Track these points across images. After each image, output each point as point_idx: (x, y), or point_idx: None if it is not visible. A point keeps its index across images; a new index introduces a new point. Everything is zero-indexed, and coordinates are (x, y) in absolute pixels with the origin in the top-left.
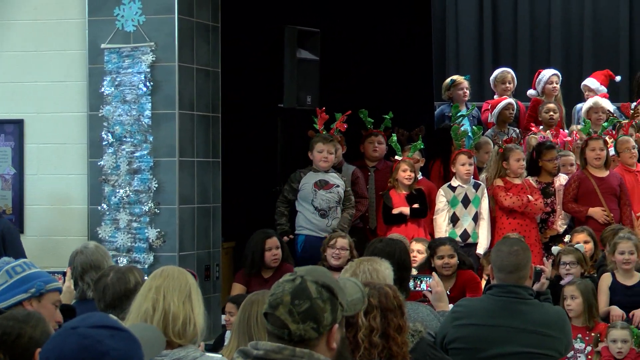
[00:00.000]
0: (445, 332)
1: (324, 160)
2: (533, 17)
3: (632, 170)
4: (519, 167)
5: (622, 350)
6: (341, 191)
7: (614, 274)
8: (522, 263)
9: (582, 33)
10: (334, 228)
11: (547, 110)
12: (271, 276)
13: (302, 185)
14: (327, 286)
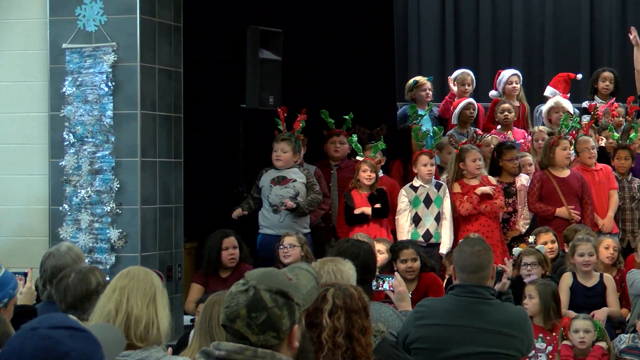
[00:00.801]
0: (408, 332)
1: (277, 159)
2: (495, 18)
3: (591, 170)
4: (475, 167)
5: (585, 340)
6: (299, 185)
7: (575, 274)
8: (484, 263)
9: (543, 33)
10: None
11: (502, 110)
12: (229, 276)
13: (262, 183)
14: (281, 291)
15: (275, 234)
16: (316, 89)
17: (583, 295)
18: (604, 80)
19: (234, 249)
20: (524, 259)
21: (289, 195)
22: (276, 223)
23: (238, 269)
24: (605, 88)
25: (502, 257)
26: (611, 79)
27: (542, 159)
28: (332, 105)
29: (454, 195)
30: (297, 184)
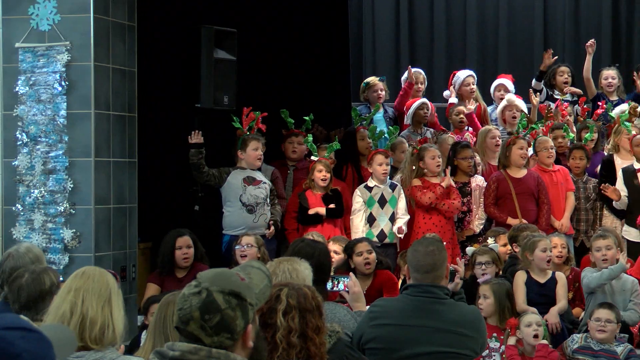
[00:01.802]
0: (362, 332)
1: (259, 158)
2: (449, 18)
3: (548, 170)
4: (435, 165)
5: (538, 332)
6: (268, 188)
7: (528, 271)
8: (438, 263)
9: (497, 33)
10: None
11: (457, 112)
12: (185, 276)
13: (229, 182)
14: (234, 292)
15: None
16: (271, 89)
17: (536, 292)
18: (561, 74)
19: (187, 249)
20: (478, 258)
21: (262, 195)
22: (250, 223)
23: (194, 269)
24: (565, 82)
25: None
26: (568, 72)
27: (500, 159)
28: (287, 105)
29: (414, 188)
30: (266, 186)
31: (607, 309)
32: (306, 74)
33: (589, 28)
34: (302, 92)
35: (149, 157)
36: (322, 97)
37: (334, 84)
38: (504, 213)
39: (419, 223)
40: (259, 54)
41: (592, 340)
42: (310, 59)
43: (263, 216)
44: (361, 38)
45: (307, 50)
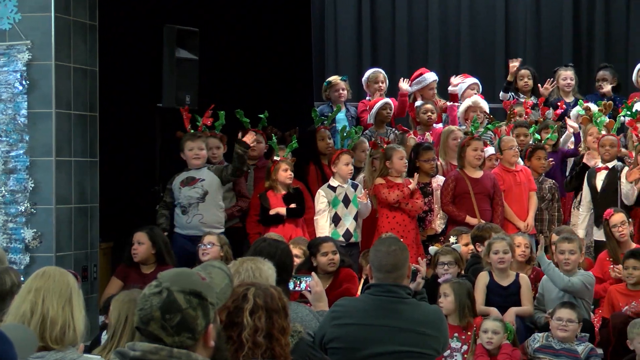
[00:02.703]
0: (324, 331)
1: (195, 158)
2: (411, 18)
3: (512, 170)
4: (402, 165)
5: (492, 341)
6: (207, 184)
7: (491, 273)
8: (400, 262)
9: (459, 33)
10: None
11: (425, 111)
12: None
13: (173, 187)
14: (195, 292)
15: (185, 234)
16: (233, 89)
17: (499, 295)
18: (521, 78)
19: (138, 245)
20: (440, 258)
21: (197, 195)
22: (184, 224)
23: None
24: (525, 85)
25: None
26: (528, 75)
27: (457, 159)
28: (250, 104)
29: (377, 187)
30: (206, 183)
31: (568, 309)
32: (268, 73)
33: (550, 28)
34: (265, 91)
35: (111, 156)
36: (285, 96)
37: (296, 84)
38: (462, 212)
39: (383, 222)
40: (221, 53)
41: (554, 340)
42: (273, 58)
43: (198, 216)
44: (323, 37)
45: (269, 49)
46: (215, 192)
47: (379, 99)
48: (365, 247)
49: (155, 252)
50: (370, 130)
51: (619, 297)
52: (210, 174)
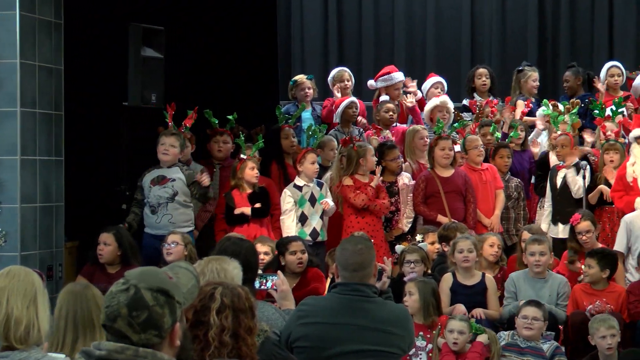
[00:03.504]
0: (290, 330)
1: (164, 153)
2: (377, 16)
3: (477, 169)
4: (374, 163)
5: (457, 341)
6: (178, 185)
7: (455, 274)
8: (366, 261)
9: (425, 32)
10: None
11: (387, 110)
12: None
13: (144, 184)
14: (162, 289)
15: (154, 233)
16: (199, 87)
17: (463, 294)
18: (479, 77)
19: (104, 245)
20: (407, 257)
21: (166, 195)
22: (153, 223)
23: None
24: (483, 84)
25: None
26: (486, 74)
27: (428, 159)
28: (216, 103)
29: (346, 188)
30: (177, 183)
31: (534, 307)
32: (234, 72)
33: (515, 28)
34: (231, 90)
35: (76, 155)
36: (251, 95)
37: (262, 82)
38: (434, 211)
39: (351, 223)
40: (187, 51)
41: (519, 338)
42: (239, 57)
43: (167, 216)
44: (290, 36)
45: (235, 48)
46: (185, 193)
47: (344, 98)
48: (331, 246)
49: (120, 253)
50: (336, 129)
51: (583, 297)
52: (181, 176)
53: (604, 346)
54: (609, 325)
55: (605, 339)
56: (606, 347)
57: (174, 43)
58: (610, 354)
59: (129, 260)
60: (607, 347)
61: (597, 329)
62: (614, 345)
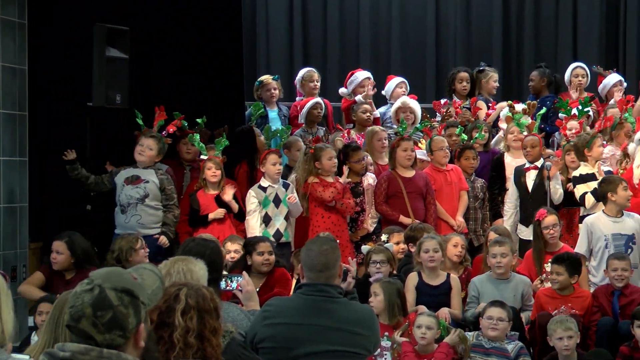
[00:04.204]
0: (256, 331)
1: (140, 153)
2: (342, 18)
3: (442, 170)
4: (331, 165)
5: (426, 336)
6: (150, 187)
7: (420, 274)
8: (331, 262)
9: (390, 34)
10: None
11: (364, 110)
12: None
13: (117, 180)
14: (127, 290)
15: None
16: (164, 88)
17: (428, 294)
18: (460, 81)
19: (56, 254)
20: (373, 257)
21: (137, 195)
22: (122, 223)
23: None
24: (464, 88)
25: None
26: (467, 79)
27: (389, 160)
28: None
29: (313, 185)
30: (149, 185)
31: (498, 307)
32: (199, 72)
33: (479, 28)
34: (195, 90)
35: (41, 156)
36: (216, 95)
37: (227, 83)
38: (396, 211)
39: (318, 222)
40: (152, 52)
41: (484, 338)
42: (204, 57)
43: (136, 217)
44: (255, 36)
45: (200, 48)
46: (156, 196)
47: (309, 98)
48: (297, 246)
49: (74, 261)
50: (302, 130)
51: (548, 301)
52: (155, 179)
53: (561, 347)
54: (566, 326)
55: (562, 340)
56: (563, 348)
57: (139, 43)
58: (567, 354)
59: (83, 267)
60: (564, 348)
61: (555, 330)
62: (572, 346)
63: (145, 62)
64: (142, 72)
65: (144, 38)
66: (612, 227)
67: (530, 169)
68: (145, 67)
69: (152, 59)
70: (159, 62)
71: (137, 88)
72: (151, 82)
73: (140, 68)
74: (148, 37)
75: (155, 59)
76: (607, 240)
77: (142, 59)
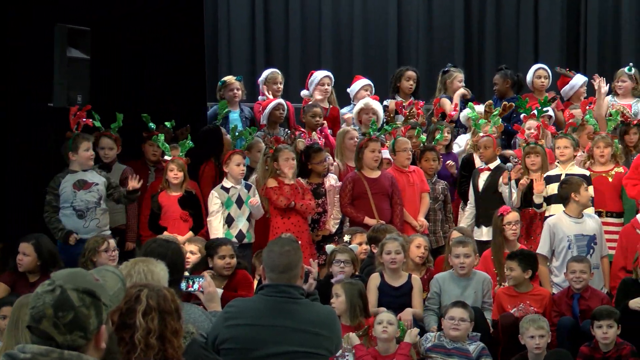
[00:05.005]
0: (217, 332)
1: (91, 158)
2: (304, 18)
3: (405, 171)
4: (289, 167)
5: (387, 330)
6: (101, 188)
7: (383, 274)
8: (293, 263)
9: (352, 34)
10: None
11: (314, 114)
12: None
13: (62, 189)
14: (88, 290)
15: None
16: (126, 88)
17: (390, 295)
18: (408, 79)
19: (22, 255)
20: (337, 256)
21: (94, 199)
22: (81, 228)
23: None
24: (410, 87)
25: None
26: (414, 78)
27: (355, 161)
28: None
29: (269, 190)
30: (100, 187)
31: (460, 308)
32: (161, 72)
33: (441, 29)
34: (157, 90)
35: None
36: (178, 95)
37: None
38: (361, 212)
39: (277, 224)
40: (113, 52)
41: (446, 339)
42: (165, 57)
43: (94, 221)
44: (217, 37)
45: (162, 48)
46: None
47: (271, 99)
48: (259, 247)
49: (40, 263)
50: (263, 131)
51: (506, 299)
52: (101, 179)
53: (532, 346)
54: (538, 325)
55: (533, 339)
56: (534, 347)
57: (100, 44)
58: (538, 353)
59: (49, 269)
60: (535, 346)
61: (527, 329)
62: (543, 345)
63: (106, 63)
64: (103, 72)
65: (106, 38)
66: (574, 228)
67: (484, 170)
68: (106, 67)
69: (113, 59)
70: (121, 62)
71: (98, 88)
72: (113, 83)
73: (101, 68)
74: (109, 38)
75: (116, 60)
76: (570, 241)
77: (103, 60)
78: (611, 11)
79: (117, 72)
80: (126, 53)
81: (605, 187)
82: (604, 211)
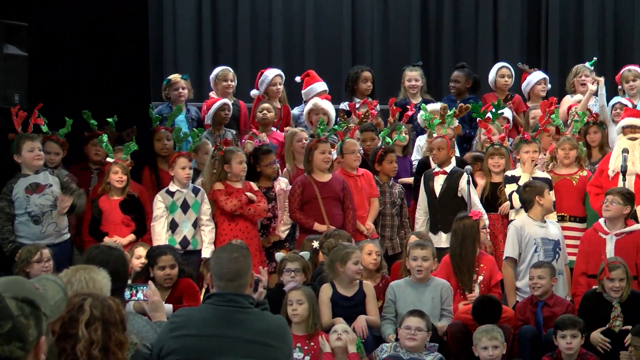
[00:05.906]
0: (163, 343)
1: (37, 158)
2: (253, 16)
3: (353, 175)
4: (241, 169)
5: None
6: (55, 189)
7: (334, 284)
8: (242, 270)
9: (303, 32)
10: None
11: (262, 109)
12: None
13: (15, 194)
14: (28, 300)
15: None
16: (66, 86)
17: (343, 307)
18: (365, 80)
19: None
20: (287, 265)
21: (49, 203)
22: (38, 234)
23: None
24: (367, 88)
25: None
26: (371, 79)
27: (305, 163)
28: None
29: (217, 192)
30: (54, 189)
31: (417, 317)
32: (104, 70)
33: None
34: (100, 89)
35: None
36: (121, 95)
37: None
38: (310, 218)
39: (225, 230)
40: (53, 49)
41: (402, 349)
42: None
43: (52, 225)
44: (162, 34)
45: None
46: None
47: (217, 99)
48: None
49: None
50: (207, 132)
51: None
52: (55, 180)
53: (485, 357)
54: (492, 336)
55: (487, 350)
56: (487, 358)
57: (38, 40)
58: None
59: None
60: (488, 357)
61: (480, 340)
62: (497, 356)
63: (46, 60)
64: (42, 70)
65: (44, 34)
66: (540, 231)
67: (438, 173)
68: (46, 65)
69: (53, 56)
70: (61, 60)
71: (37, 87)
72: (52, 81)
73: (40, 66)
74: (49, 33)
75: (56, 57)
76: (536, 244)
77: (42, 57)
78: (573, 7)
79: (56, 70)
80: (67, 50)
81: (569, 191)
82: (568, 215)
